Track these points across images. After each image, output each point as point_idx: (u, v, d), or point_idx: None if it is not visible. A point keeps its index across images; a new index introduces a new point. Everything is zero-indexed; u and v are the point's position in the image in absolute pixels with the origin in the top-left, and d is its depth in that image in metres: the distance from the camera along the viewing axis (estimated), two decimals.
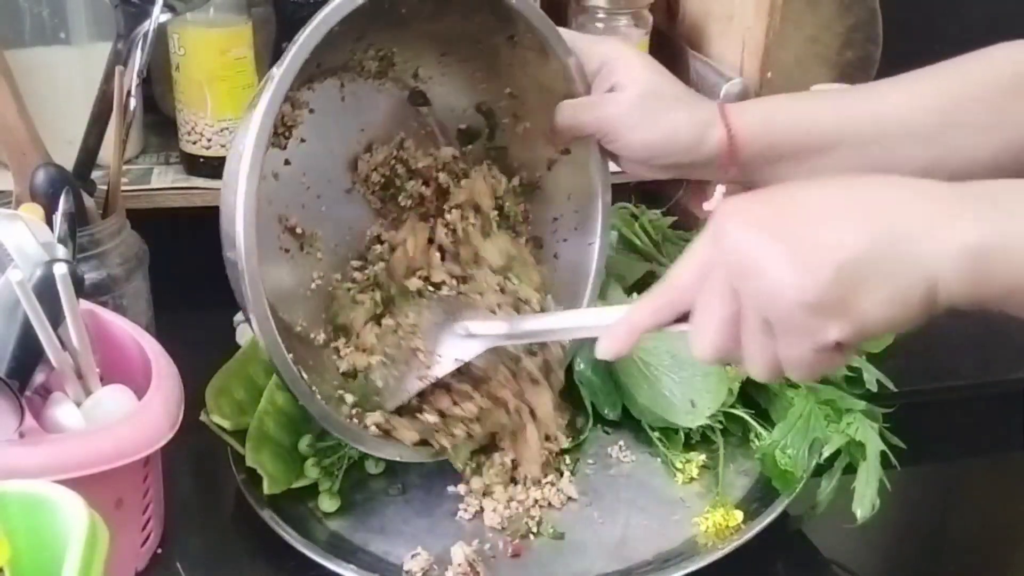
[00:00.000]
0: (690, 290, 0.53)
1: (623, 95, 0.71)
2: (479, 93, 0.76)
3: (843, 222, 0.49)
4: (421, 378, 0.69)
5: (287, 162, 0.70)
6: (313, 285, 0.73)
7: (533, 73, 0.73)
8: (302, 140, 0.71)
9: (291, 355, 0.63)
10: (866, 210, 0.49)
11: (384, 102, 0.75)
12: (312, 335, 0.72)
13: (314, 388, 0.64)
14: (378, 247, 0.75)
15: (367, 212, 0.76)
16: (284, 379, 0.63)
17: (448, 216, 0.75)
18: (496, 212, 0.77)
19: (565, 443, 0.74)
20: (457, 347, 0.70)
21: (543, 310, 0.74)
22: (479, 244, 0.74)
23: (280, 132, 0.69)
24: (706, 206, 0.88)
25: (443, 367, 0.69)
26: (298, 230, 0.72)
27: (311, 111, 0.70)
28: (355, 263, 0.75)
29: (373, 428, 0.67)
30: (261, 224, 0.61)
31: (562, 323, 0.68)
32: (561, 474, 0.72)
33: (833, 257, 0.48)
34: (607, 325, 0.57)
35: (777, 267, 0.49)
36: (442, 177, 0.75)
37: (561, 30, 0.71)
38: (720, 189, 0.90)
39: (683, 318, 0.54)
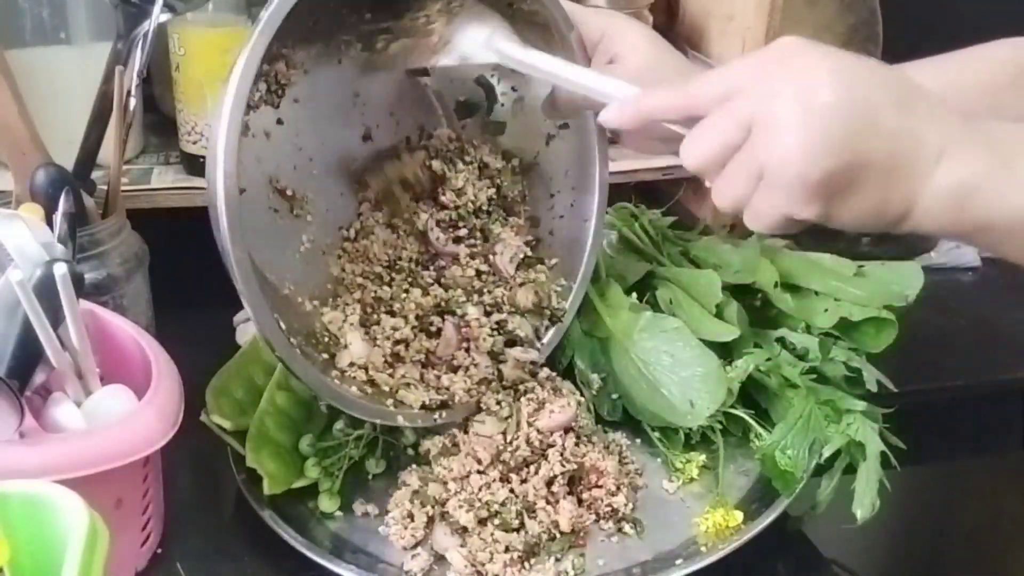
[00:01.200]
0: (711, 102, 0.54)
1: (623, 67, 0.70)
2: (479, 66, 0.75)
3: (878, 123, 0.51)
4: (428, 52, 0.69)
5: (279, 121, 0.69)
6: (302, 248, 0.71)
7: (534, 45, 0.72)
8: (295, 100, 0.69)
9: (276, 315, 0.63)
10: (901, 116, 0.52)
11: (382, 70, 0.74)
12: (300, 299, 0.70)
13: (293, 341, 0.64)
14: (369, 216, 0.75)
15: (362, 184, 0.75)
16: (270, 342, 0.63)
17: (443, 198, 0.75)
18: (494, 191, 0.77)
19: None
20: (470, 45, 0.69)
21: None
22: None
23: (273, 90, 0.68)
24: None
25: (448, 58, 0.69)
26: (288, 192, 0.70)
27: (306, 72, 0.69)
28: (345, 231, 0.74)
29: (360, 376, 0.68)
30: (250, 181, 0.61)
31: (579, 76, 0.66)
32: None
33: (852, 152, 0.50)
34: (615, 96, 0.60)
35: (800, 137, 0.51)
36: (436, 164, 0.75)
37: (564, 3, 0.71)
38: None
39: (689, 123, 0.56)
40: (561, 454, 0.69)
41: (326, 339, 0.69)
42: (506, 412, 0.71)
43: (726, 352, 0.76)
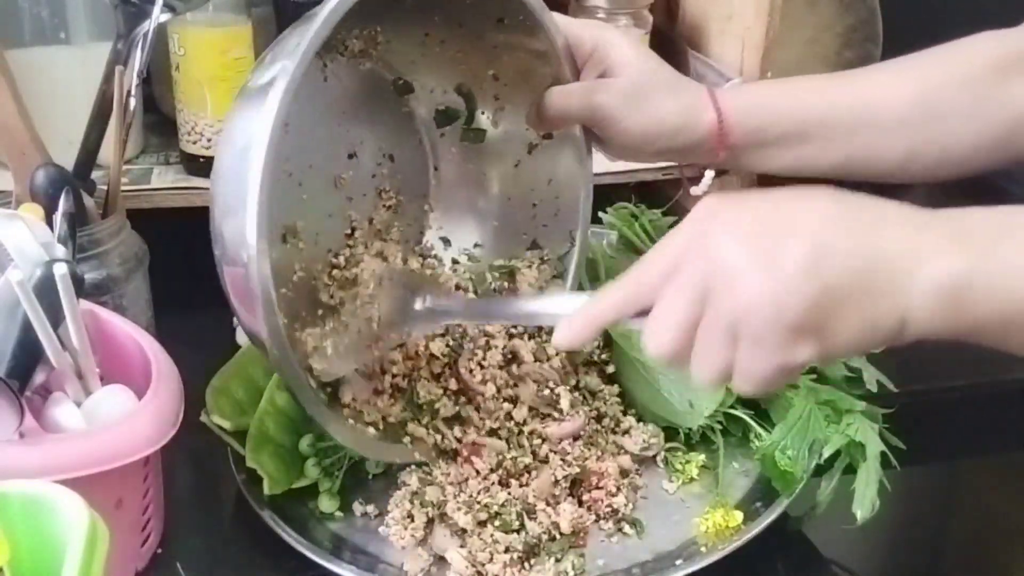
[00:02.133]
0: (656, 285, 0.52)
1: (615, 81, 0.70)
2: (459, 74, 0.75)
3: (830, 244, 0.49)
4: (370, 347, 0.67)
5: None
6: (295, 278, 0.70)
7: (519, 56, 0.72)
8: (285, 124, 0.69)
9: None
10: (853, 234, 0.49)
11: (366, 85, 0.73)
12: (295, 328, 0.69)
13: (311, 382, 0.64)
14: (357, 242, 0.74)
15: (349, 203, 0.75)
16: (297, 394, 0.62)
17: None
18: None
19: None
20: (415, 322, 0.68)
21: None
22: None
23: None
24: (694, 190, 0.88)
25: (393, 340, 0.68)
26: (280, 221, 0.69)
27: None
28: (334, 259, 0.73)
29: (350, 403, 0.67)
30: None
31: (521, 307, 0.66)
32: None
33: (816, 282, 0.48)
34: (566, 314, 0.56)
35: (758, 282, 0.48)
36: None
37: (552, 13, 0.70)
38: (709, 174, 0.90)
39: (645, 313, 0.53)
40: (563, 459, 0.69)
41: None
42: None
43: None
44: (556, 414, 0.71)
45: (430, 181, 0.80)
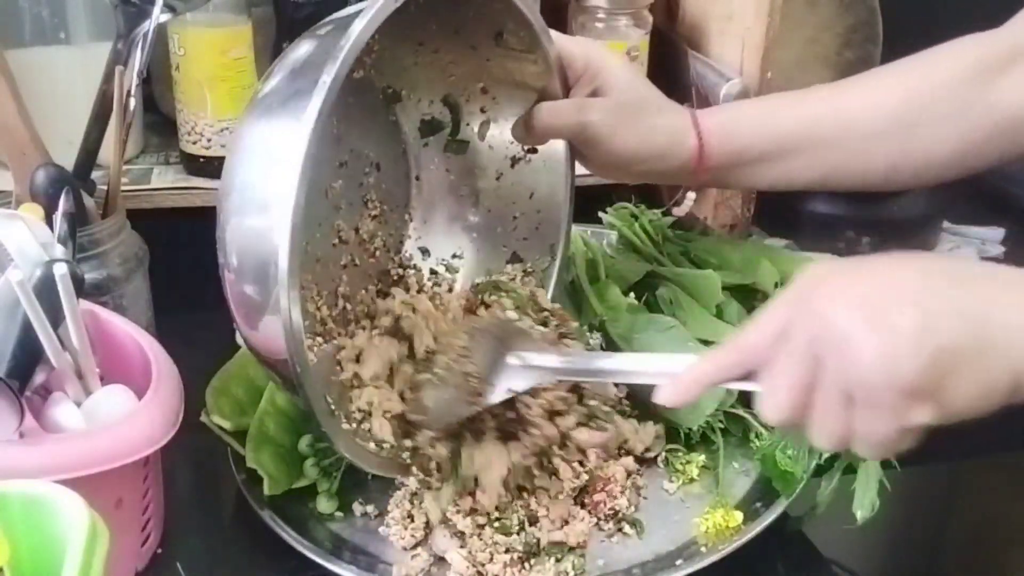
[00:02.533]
0: (764, 350, 0.52)
1: (605, 101, 0.71)
2: (449, 85, 0.75)
3: (941, 306, 0.48)
4: (472, 402, 0.65)
5: None
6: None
7: (510, 70, 0.72)
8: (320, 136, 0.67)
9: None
10: (961, 295, 0.49)
11: (357, 93, 0.72)
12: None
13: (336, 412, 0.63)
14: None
15: (337, 212, 0.74)
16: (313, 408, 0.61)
17: None
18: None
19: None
20: (511, 377, 0.66)
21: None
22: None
23: None
24: (676, 211, 0.88)
25: (496, 395, 0.65)
26: None
27: None
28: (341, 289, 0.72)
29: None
30: None
31: (624, 365, 0.64)
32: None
33: (929, 344, 0.48)
34: (670, 373, 0.56)
35: (871, 346, 0.48)
36: None
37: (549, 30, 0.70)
38: (691, 195, 0.91)
39: (749, 375, 0.53)
40: (580, 467, 0.69)
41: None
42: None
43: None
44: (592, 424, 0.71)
45: (411, 190, 0.80)
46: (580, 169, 0.91)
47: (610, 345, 0.77)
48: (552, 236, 0.78)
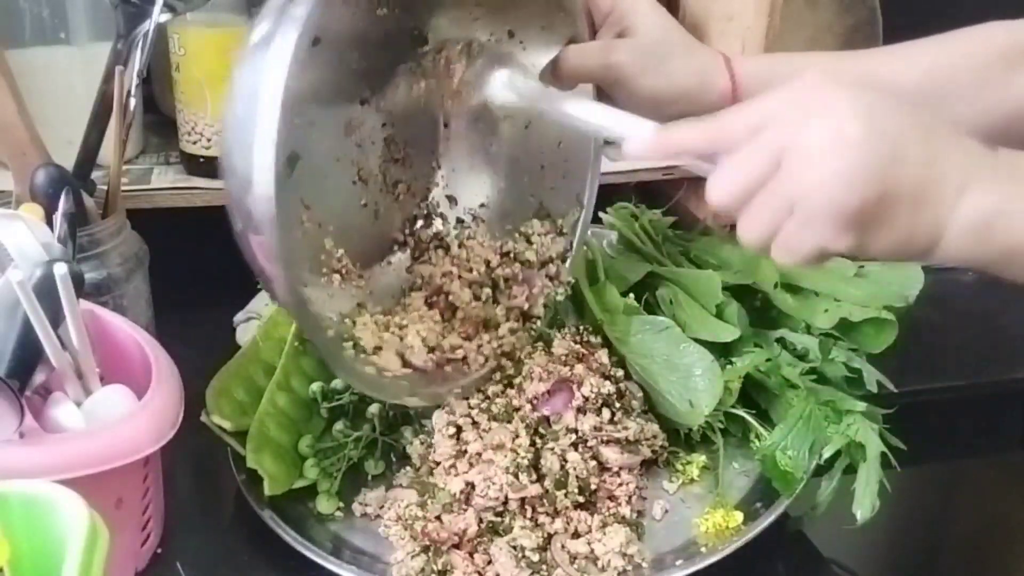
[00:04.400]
0: (740, 136, 0.54)
1: (632, 41, 0.70)
2: (476, 28, 0.73)
3: (907, 150, 0.51)
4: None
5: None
6: (304, 219, 0.68)
7: (538, 13, 0.71)
8: (316, 38, 0.62)
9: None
10: (929, 146, 0.52)
11: (382, 31, 0.70)
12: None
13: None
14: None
15: (358, 149, 0.73)
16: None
17: None
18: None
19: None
20: (492, 85, 0.69)
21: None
22: None
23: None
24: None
25: (474, 97, 0.69)
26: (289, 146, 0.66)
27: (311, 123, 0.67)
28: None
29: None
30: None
31: (594, 114, 0.65)
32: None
33: (883, 183, 0.50)
34: (636, 131, 0.59)
35: (831, 170, 0.51)
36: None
37: None
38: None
39: (712, 156, 0.55)
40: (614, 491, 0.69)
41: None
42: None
43: (726, 352, 0.76)
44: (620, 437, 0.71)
45: (439, 138, 0.78)
46: None
47: (610, 345, 0.77)
48: (578, 185, 0.78)
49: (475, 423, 0.70)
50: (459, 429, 0.69)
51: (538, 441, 0.68)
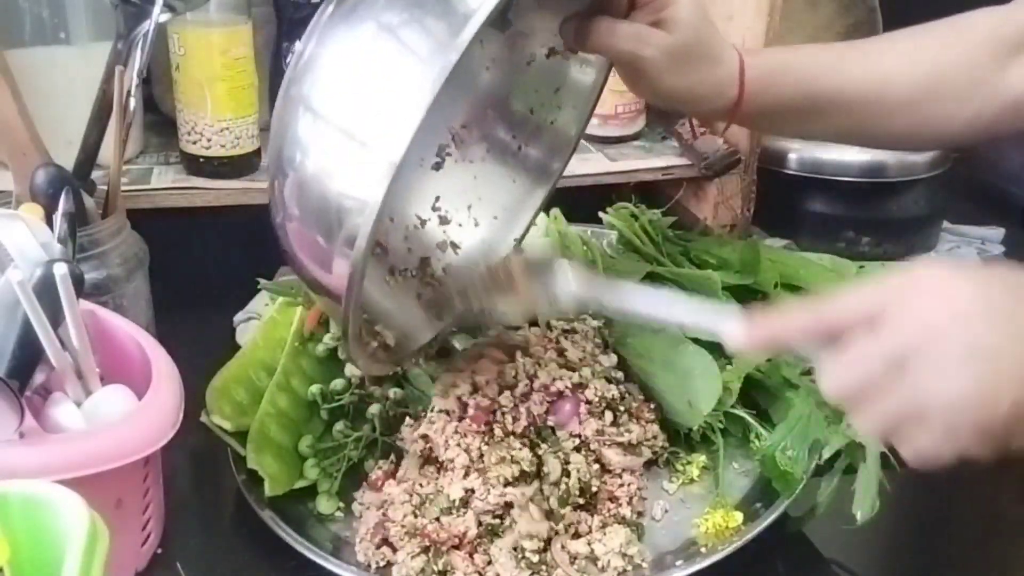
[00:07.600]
0: (847, 326, 0.50)
1: (666, 40, 0.68)
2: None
3: None
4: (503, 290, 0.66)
5: None
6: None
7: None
8: None
9: None
10: None
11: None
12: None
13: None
14: None
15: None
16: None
17: None
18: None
19: None
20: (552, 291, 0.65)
21: None
22: None
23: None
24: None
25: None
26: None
27: None
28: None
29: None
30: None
31: (677, 313, 0.61)
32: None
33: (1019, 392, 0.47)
34: (729, 321, 0.55)
35: (972, 380, 0.47)
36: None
37: None
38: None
39: (823, 344, 0.51)
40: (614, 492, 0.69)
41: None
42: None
43: (726, 352, 0.76)
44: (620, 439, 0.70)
45: None
46: (581, 169, 0.91)
47: (609, 346, 0.77)
48: (562, 140, 0.78)
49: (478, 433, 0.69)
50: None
51: (541, 445, 0.68)
